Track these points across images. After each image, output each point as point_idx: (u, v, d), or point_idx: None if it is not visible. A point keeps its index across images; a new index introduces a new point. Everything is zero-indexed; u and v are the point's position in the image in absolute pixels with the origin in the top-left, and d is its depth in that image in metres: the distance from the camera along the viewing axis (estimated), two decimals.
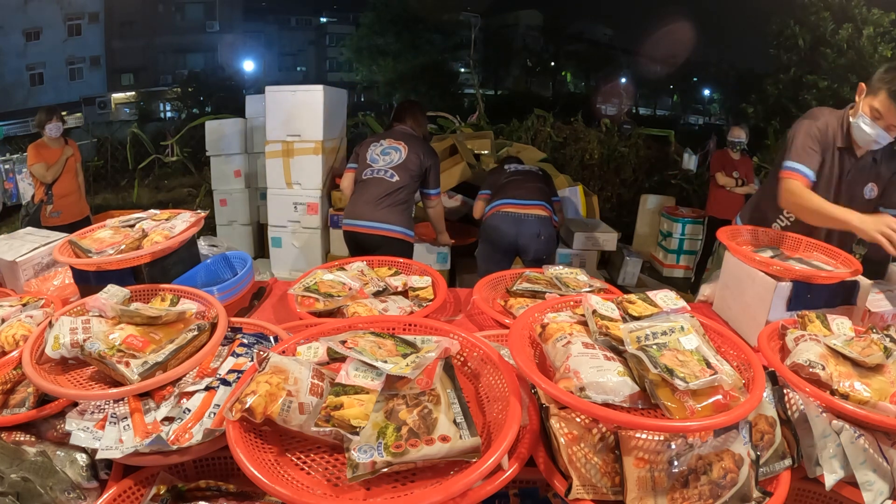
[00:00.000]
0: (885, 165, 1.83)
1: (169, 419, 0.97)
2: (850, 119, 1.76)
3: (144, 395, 1.02)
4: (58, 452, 0.99)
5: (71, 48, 20.36)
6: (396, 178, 2.69)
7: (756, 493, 0.85)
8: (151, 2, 22.84)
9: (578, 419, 0.89)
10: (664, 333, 0.96)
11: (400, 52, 17.28)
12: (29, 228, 1.97)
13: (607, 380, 0.87)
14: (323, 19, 30.91)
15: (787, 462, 0.93)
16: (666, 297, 1.12)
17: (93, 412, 1.01)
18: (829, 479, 0.92)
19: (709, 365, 0.89)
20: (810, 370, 1.03)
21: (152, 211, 1.63)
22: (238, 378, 1.00)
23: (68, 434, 0.97)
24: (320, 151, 3.71)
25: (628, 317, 1.05)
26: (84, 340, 1.07)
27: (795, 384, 1.00)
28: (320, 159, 3.72)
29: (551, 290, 1.55)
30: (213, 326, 1.15)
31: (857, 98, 1.76)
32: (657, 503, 0.81)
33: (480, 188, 3.18)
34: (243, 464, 0.79)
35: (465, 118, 7.19)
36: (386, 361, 0.89)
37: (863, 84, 1.74)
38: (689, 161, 6.43)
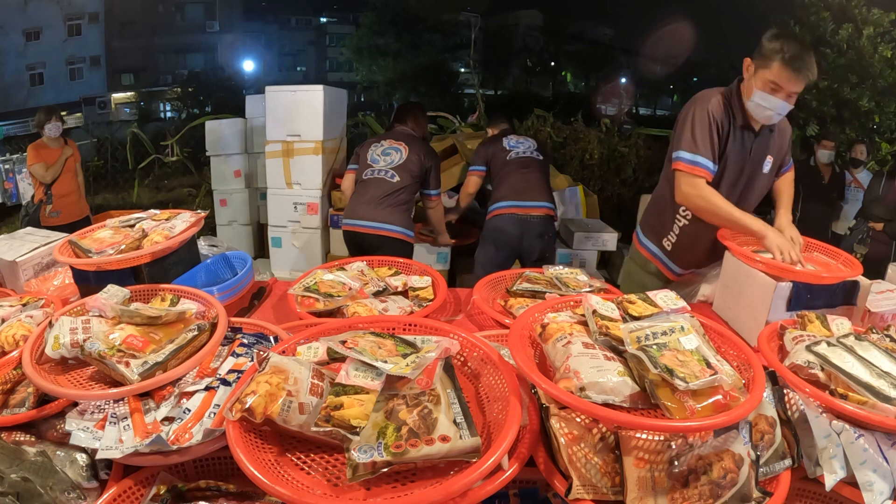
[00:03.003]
0: (780, 135, 1.80)
1: (169, 419, 0.97)
2: (745, 100, 1.67)
3: (144, 395, 1.02)
4: (58, 452, 0.99)
5: (71, 48, 20.36)
6: (397, 178, 2.69)
7: (756, 493, 0.85)
8: (151, 2, 22.84)
9: (578, 419, 0.89)
10: (664, 333, 0.96)
11: (400, 52, 17.28)
12: (29, 228, 1.97)
13: (607, 380, 0.87)
14: (323, 19, 30.89)
15: (787, 462, 0.93)
16: (666, 297, 1.12)
17: (93, 412, 1.01)
18: (829, 480, 0.92)
19: (709, 365, 0.89)
20: (809, 370, 1.03)
21: (152, 211, 1.63)
22: (238, 378, 1.00)
23: (68, 434, 0.97)
24: (320, 151, 3.71)
25: (628, 317, 1.05)
26: (84, 340, 1.07)
27: (795, 384, 1.00)
28: (320, 159, 3.72)
29: (551, 290, 1.55)
30: (213, 326, 1.15)
31: (745, 75, 1.68)
32: (657, 503, 0.81)
33: (472, 162, 3.07)
34: (243, 464, 0.79)
35: (465, 118, 7.17)
36: (386, 361, 0.89)
37: (748, 59, 1.66)
38: None
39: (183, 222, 1.54)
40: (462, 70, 19.38)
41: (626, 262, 2.12)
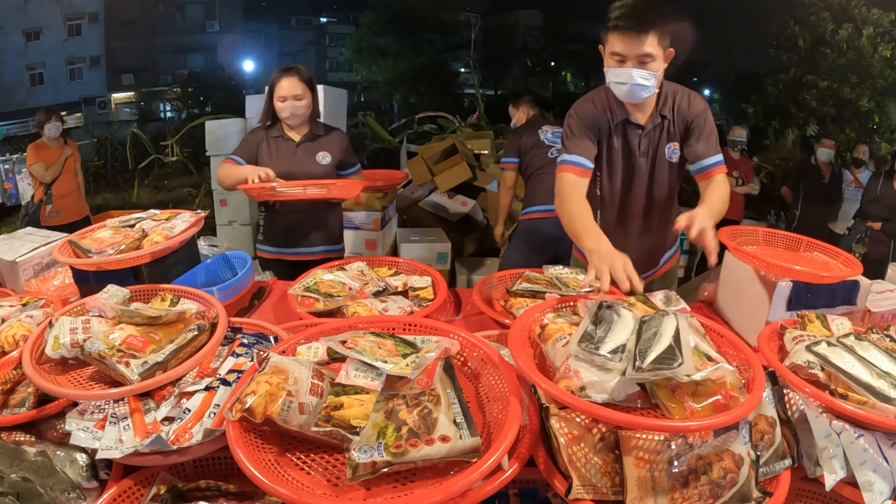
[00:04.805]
0: (677, 119, 1.62)
1: (169, 419, 0.97)
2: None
3: (144, 395, 1.02)
4: (58, 452, 0.99)
5: (71, 48, 20.34)
6: None
7: (756, 493, 0.85)
8: (151, 2, 22.81)
9: (578, 419, 0.89)
10: None
11: (400, 52, 17.25)
12: (29, 228, 1.97)
13: (607, 380, 0.87)
14: (323, 19, 30.87)
15: (787, 462, 0.93)
16: (666, 298, 1.12)
17: (93, 412, 1.01)
18: (829, 480, 0.92)
19: (710, 358, 0.90)
20: (809, 370, 1.03)
21: (152, 211, 1.63)
22: (238, 378, 1.00)
23: (68, 434, 0.97)
24: None
25: None
26: (84, 340, 1.07)
27: (795, 384, 1.00)
28: None
29: (551, 290, 1.55)
30: (213, 326, 1.15)
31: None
32: (657, 503, 0.81)
33: (505, 154, 2.89)
34: (243, 464, 0.79)
35: (465, 118, 7.19)
36: (386, 361, 0.89)
37: (601, 46, 1.56)
38: None
39: (183, 222, 1.54)
40: (462, 70, 19.36)
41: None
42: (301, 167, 2.08)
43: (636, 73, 1.47)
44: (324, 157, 2.13)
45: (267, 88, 2.10)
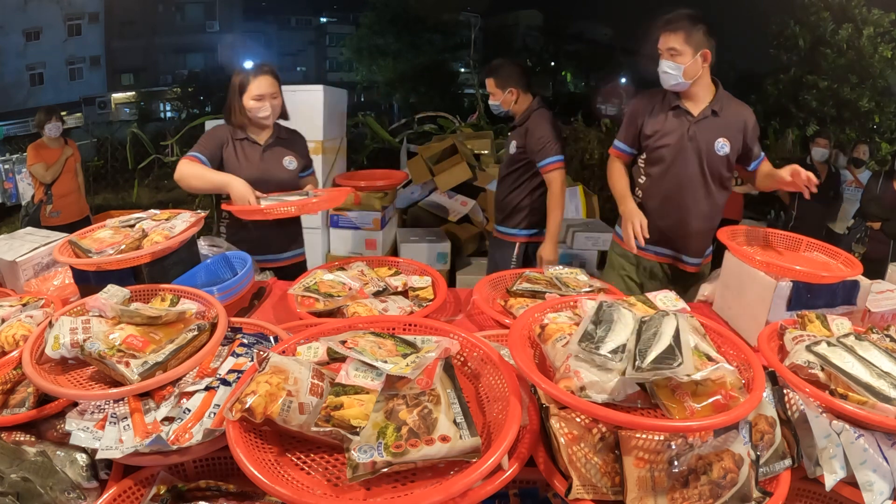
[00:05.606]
0: (730, 117, 1.92)
1: (169, 419, 0.97)
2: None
3: (144, 395, 1.02)
4: (58, 452, 0.99)
5: (71, 48, 20.37)
6: None
7: (756, 493, 0.85)
8: (151, 2, 22.84)
9: (578, 419, 0.89)
10: None
11: (400, 52, 17.26)
12: (29, 228, 1.96)
13: (607, 379, 0.87)
14: (323, 19, 30.90)
15: (787, 462, 0.93)
16: (665, 298, 1.12)
17: (93, 412, 1.01)
18: (829, 480, 0.92)
19: (710, 358, 0.90)
20: (809, 370, 1.03)
21: (152, 211, 1.63)
22: (238, 378, 1.00)
23: (68, 434, 0.97)
24: (320, 151, 3.72)
25: None
26: (84, 340, 1.07)
27: (795, 384, 1.00)
28: (320, 159, 3.72)
29: (551, 290, 1.55)
30: (213, 326, 1.15)
31: None
32: (657, 503, 0.81)
33: (554, 150, 2.42)
34: (243, 464, 0.79)
35: (465, 118, 7.19)
36: (386, 361, 0.89)
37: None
38: None
39: (183, 222, 1.54)
40: (462, 70, 19.38)
41: (609, 254, 2.27)
42: (270, 173, 2.04)
43: (664, 63, 1.88)
44: (290, 162, 2.10)
45: (233, 87, 2.03)
